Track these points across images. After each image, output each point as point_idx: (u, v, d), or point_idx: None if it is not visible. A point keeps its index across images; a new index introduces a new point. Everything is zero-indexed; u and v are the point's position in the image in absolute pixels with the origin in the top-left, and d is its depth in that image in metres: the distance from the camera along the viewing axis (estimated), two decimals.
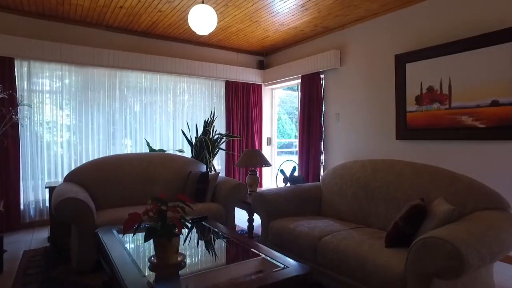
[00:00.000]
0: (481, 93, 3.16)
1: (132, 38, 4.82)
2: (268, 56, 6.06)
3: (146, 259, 1.79)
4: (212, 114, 4.31)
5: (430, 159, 3.61)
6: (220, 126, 5.48)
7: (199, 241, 2.30)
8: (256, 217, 3.86)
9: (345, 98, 4.65)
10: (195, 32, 4.71)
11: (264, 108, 6.06)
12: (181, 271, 1.62)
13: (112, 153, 4.69)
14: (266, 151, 6.05)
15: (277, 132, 6.31)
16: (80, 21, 4.40)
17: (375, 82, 4.22)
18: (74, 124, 4.46)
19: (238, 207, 3.65)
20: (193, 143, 4.16)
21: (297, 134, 5.46)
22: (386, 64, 4.07)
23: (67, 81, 4.41)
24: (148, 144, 4.29)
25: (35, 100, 4.18)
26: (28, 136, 4.13)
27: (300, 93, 5.27)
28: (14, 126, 3.87)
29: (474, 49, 3.20)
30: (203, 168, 3.90)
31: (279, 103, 8.18)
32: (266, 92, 6.14)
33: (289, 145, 9.78)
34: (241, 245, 2.09)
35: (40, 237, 3.71)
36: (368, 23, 4.29)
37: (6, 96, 3.64)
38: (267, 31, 4.79)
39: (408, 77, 3.80)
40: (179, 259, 1.67)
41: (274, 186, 5.38)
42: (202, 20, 3.03)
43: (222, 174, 5.43)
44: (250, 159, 3.90)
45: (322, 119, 4.96)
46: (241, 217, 4.47)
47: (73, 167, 4.42)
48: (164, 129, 5.09)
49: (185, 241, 2.22)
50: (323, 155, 4.99)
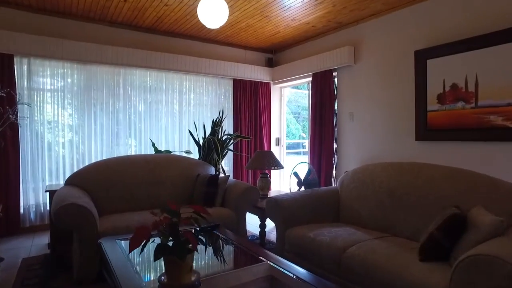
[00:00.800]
0: None
1: (137, 34, 4.63)
2: (277, 54, 5.84)
3: (155, 277, 1.59)
4: (221, 114, 4.10)
5: (454, 161, 3.38)
6: (228, 126, 5.28)
7: (213, 256, 2.09)
8: (268, 222, 3.65)
9: (360, 97, 4.43)
10: (204, 27, 4.53)
11: (273, 107, 5.84)
12: None
13: (116, 154, 4.50)
14: (275, 152, 5.83)
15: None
16: (83, 17, 4.21)
17: (393, 80, 4.00)
18: (77, 124, 4.27)
19: (249, 212, 3.44)
20: (201, 144, 3.96)
21: (308, 134, 5.25)
22: (405, 61, 3.84)
23: (69, 79, 4.23)
24: (154, 145, 4.10)
25: (36, 99, 4.00)
26: (28, 137, 3.94)
27: (311, 92, 5.06)
28: (13, 126, 3.69)
29: (505, 43, 2.97)
30: (212, 171, 3.69)
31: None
32: (275, 91, 5.93)
33: (296, 146, 9.57)
34: (263, 260, 1.88)
35: (41, 243, 3.53)
36: (385, 18, 4.06)
37: (4, 95, 3.45)
38: (278, 27, 4.58)
39: (429, 74, 3.58)
40: (193, 279, 1.47)
41: (285, 190, 5.18)
42: (213, 13, 2.83)
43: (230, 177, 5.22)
44: (262, 161, 3.70)
45: (335, 119, 4.74)
46: (251, 221, 4.26)
47: (76, 168, 4.23)
48: (170, 129, 4.89)
49: (198, 256, 2.02)
50: (336, 156, 4.78)
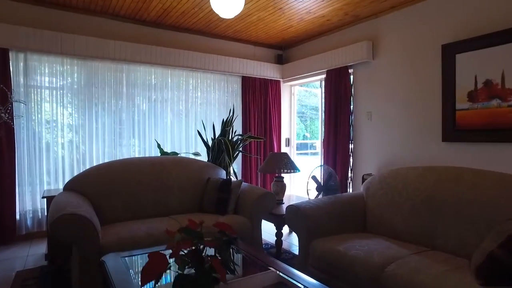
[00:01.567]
0: None
1: (141, 28, 4.36)
2: (287, 50, 5.57)
3: None
4: (232, 113, 3.83)
5: (487, 164, 3.10)
6: (236, 126, 5.00)
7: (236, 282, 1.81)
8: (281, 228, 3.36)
9: (378, 95, 4.15)
10: (212, 21, 4.25)
11: (283, 107, 5.57)
12: None
13: (119, 155, 4.24)
14: None
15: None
16: (83, 9, 3.93)
17: (416, 77, 3.72)
18: (77, 124, 4.00)
19: (264, 219, 3.17)
20: (210, 145, 3.68)
21: (320, 134, 4.98)
22: (430, 56, 3.56)
23: (69, 76, 3.95)
24: (159, 146, 3.82)
25: (33, 97, 3.73)
26: (25, 137, 3.67)
27: (325, 90, 4.78)
28: (8, 126, 3.42)
29: None
30: (222, 174, 3.42)
31: None
32: (284, 89, 5.65)
33: (303, 146, 9.29)
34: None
35: (38, 252, 3.25)
36: (408, 10, 3.78)
37: None
38: (291, 20, 4.31)
39: (459, 70, 3.30)
40: None
41: (298, 194, 4.91)
42: (227, 1, 2.55)
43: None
44: (276, 164, 3.43)
45: (351, 119, 4.47)
46: (264, 228, 3.98)
47: (76, 171, 3.97)
48: (176, 129, 4.62)
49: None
50: (351, 158, 4.50)
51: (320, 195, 3.21)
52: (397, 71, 3.92)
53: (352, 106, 4.47)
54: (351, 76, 4.51)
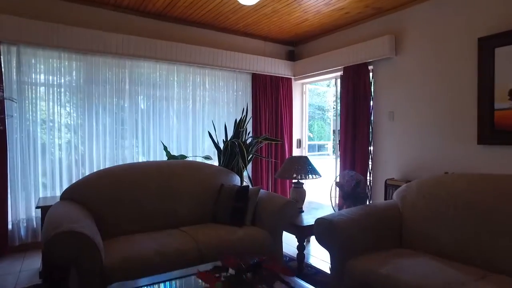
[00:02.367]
0: None
1: (145, 21, 4.03)
2: (299, 46, 5.25)
3: None
4: (245, 112, 3.50)
5: None
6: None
7: None
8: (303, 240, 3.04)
9: (402, 94, 3.84)
10: (221, 13, 3.94)
11: (294, 106, 5.25)
12: None
13: (121, 158, 3.91)
14: (297, 155, 5.23)
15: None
16: None
17: (445, 73, 3.41)
18: (75, 124, 3.68)
19: (285, 231, 2.85)
20: (221, 148, 3.36)
21: (337, 136, 4.67)
22: (463, 50, 3.26)
23: (66, 72, 3.62)
24: (166, 149, 3.50)
25: (27, 95, 3.40)
26: (18, 138, 3.34)
27: (342, 88, 4.47)
28: None
29: None
30: (236, 180, 3.10)
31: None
32: (296, 87, 5.34)
33: (311, 148, 8.96)
34: None
35: (32, 267, 2.93)
36: (438, 0, 3.47)
37: None
38: (307, 13, 3.99)
39: (498, 66, 2.99)
40: None
41: (317, 200, 4.60)
42: None
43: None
44: (295, 169, 3.11)
45: (371, 119, 4.16)
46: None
47: (74, 176, 3.64)
48: (182, 130, 4.29)
49: None
50: (371, 161, 4.19)
51: (345, 205, 2.91)
52: (424, 68, 3.61)
53: (372, 106, 4.16)
54: (371, 74, 4.20)
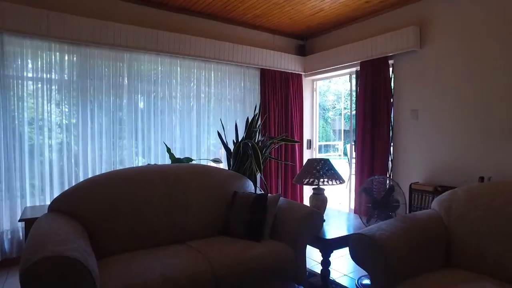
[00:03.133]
0: None
1: (146, 10, 3.67)
2: (310, 40, 4.91)
3: None
4: (258, 110, 3.15)
5: None
6: None
7: None
8: (328, 255, 2.69)
9: (427, 90, 3.51)
10: (229, 2, 3.59)
11: (304, 104, 4.91)
12: None
13: (119, 161, 3.55)
14: (306, 156, 4.90)
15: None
16: None
17: (480, 67, 3.09)
18: (68, 122, 3.31)
19: (308, 244, 2.50)
20: (231, 150, 3.01)
21: (353, 136, 4.33)
22: (505, 41, 2.93)
23: (58, 65, 3.26)
24: (169, 150, 3.13)
25: (13, 91, 3.03)
26: (2, 138, 2.97)
27: (359, 85, 4.14)
28: None
29: None
30: (250, 186, 2.75)
31: None
32: (306, 84, 5.00)
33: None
34: None
35: (16, 286, 2.55)
36: None
37: None
38: (322, 3, 3.65)
39: None
40: None
41: (332, 207, 4.25)
42: None
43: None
44: (316, 173, 2.77)
45: (392, 118, 3.83)
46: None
47: (66, 178, 3.28)
48: (186, 130, 3.93)
49: None
50: (390, 163, 3.87)
51: (376, 215, 2.57)
52: (453, 61, 3.28)
53: (393, 104, 3.83)
54: (390, 69, 3.87)
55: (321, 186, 2.80)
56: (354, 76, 4.32)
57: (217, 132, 3.13)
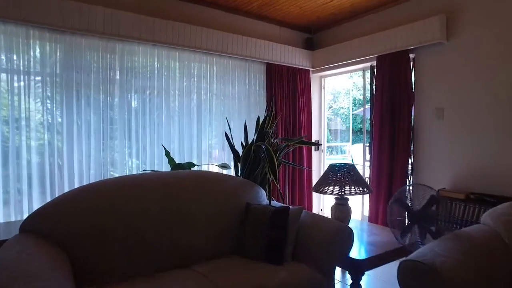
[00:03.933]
0: None
1: None
2: (319, 33, 4.54)
3: None
4: (272, 109, 2.77)
5: None
6: None
7: None
8: (360, 278, 2.32)
9: (454, 87, 3.18)
10: None
11: (312, 102, 4.55)
12: None
13: (109, 165, 3.13)
14: (314, 159, 4.54)
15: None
16: None
17: None
18: (51, 122, 2.87)
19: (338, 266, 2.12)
20: (240, 154, 2.61)
21: (369, 137, 3.98)
22: None
23: (38, 55, 2.82)
24: (168, 154, 2.72)
25: None
26: None
27: (375, 81, 3.79)
28: None
29: None
30: (263, 196, 2.37)
31: None
32: (314, 81, 4.64)
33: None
34: None
35: None
36: None
37: None
38: None
39: None
40: None
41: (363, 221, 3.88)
42: None
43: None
44: (338, 180, 2.40)
45: (412, 118, 3.49)
46: None
47: (49, 187, 2.83)
48: (186, 130, 3.52)
49: None
50: (410, 168, 3.52)
51: (417, 229, 2.21)
52: (487, 53, 2.94)
53: (414, 102, 3.49)
54: (411, 63, 3.53)
55: (346, 196, 2.43)
56: (369, 72, 3.97)
57: (224, 133, 2.74)
